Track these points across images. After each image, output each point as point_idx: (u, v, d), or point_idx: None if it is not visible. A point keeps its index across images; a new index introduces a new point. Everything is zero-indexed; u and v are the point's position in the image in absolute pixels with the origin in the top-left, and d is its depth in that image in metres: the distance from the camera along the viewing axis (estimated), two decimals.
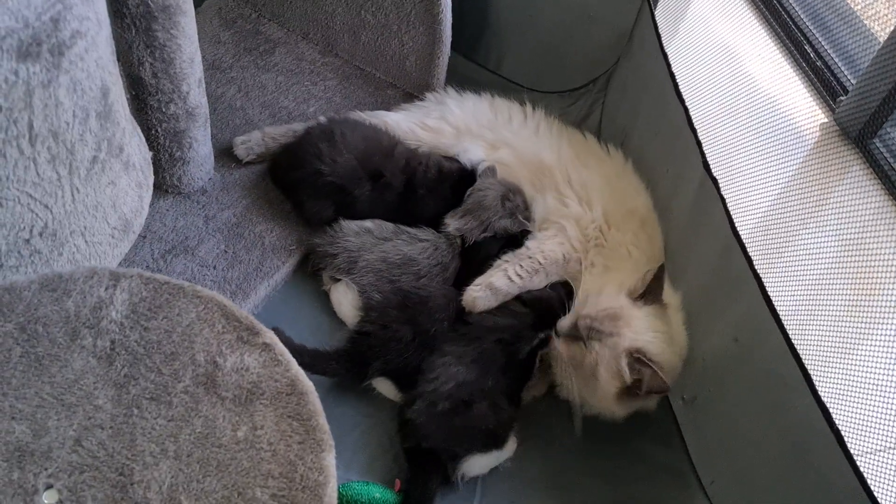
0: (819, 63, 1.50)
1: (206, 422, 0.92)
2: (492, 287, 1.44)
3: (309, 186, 1.55)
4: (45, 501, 0.85)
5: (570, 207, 1.55)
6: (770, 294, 1.23)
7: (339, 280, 1.50)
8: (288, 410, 0.94)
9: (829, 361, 1.18)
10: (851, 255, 1.24)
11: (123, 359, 0.96)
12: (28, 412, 0.91)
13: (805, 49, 1.53)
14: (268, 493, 0.88)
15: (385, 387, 1.41)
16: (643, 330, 1.31)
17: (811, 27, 1.55)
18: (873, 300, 1.18)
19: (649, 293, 1.36)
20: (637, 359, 1.28)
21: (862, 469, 1.05)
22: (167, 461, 0.89)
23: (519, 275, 1.46)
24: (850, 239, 1.24)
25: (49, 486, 0.86)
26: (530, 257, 1.48)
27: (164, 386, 0.94)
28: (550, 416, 1.45)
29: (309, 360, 1.34)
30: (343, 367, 1.38)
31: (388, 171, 1.55)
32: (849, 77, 1.46)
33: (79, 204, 1.12)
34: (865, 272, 1.20)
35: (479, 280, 1.46)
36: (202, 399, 0.94)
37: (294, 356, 1.30)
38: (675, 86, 1.50)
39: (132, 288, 1.00)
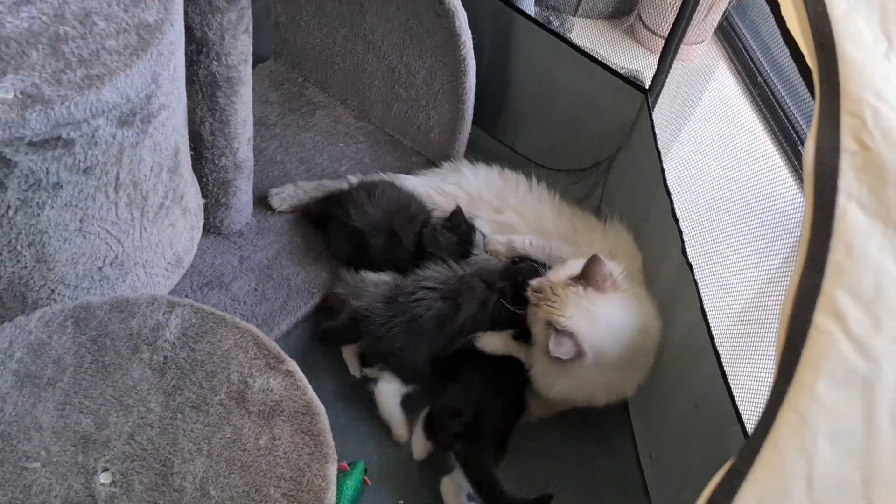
0: None
1: (235, 430, 1.09)
2: (510, 241, 1.72)
3: (337, 223, 1.72)
4: (102, 481, 1.02)
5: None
6: (727, 368, 1.38)
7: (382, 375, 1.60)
8: (302, 427, 1.10)
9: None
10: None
11: (173, 372, 1.13)
12: (93, 409, 1.08)
13: (799, 149, 1.61)
14: (280, 491, 1.04)
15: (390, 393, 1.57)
16: (561, 306, 1.51)
17: (805, 128, 1.65)
18: None
19: (583, 277, 1.54)
20: (547, 327, 1.51)
21: None
22: (201, 458, 1.06)
23: (532, 243, 1.71)
24: None
25: (105, 469, 1.03)
26: (544, 242, 1.72)
27: (204, 397, 1.11)
28: (529, 463, 1.59)
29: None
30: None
31: (403, 232, 1.69)
32: None
33: (144, 241, 1.28)
34: None
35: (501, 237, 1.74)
36: (233, 411, 1.11)
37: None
38: (664, 179, 1.64)
39: (184, 315, 1.19)
